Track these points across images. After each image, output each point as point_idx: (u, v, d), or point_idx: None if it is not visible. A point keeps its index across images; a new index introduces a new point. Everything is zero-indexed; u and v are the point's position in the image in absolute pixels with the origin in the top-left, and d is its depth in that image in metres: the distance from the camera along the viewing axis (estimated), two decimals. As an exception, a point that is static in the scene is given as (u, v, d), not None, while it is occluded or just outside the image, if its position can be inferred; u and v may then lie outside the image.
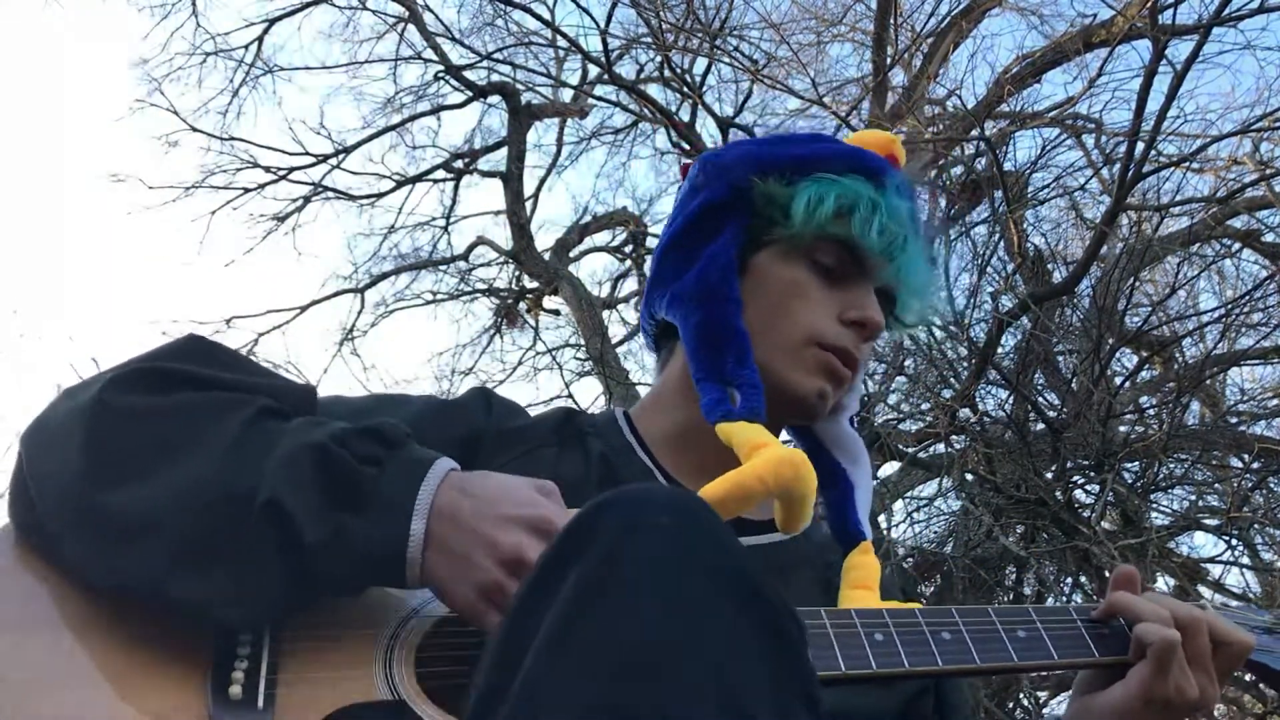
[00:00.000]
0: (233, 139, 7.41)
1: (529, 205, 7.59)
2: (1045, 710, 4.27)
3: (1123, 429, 4.36)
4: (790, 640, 0.62)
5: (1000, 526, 4.03)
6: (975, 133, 4.95)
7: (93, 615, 0.78)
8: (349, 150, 7.67)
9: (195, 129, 7.22)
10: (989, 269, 4.75)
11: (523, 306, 7.91)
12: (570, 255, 7.97)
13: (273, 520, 0.75)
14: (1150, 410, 4.75)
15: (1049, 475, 4.05)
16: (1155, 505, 4.42)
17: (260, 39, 7.39)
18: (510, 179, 7.21)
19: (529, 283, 7.72)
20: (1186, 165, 4.90)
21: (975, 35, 6.57)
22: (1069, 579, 4.18)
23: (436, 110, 7.90)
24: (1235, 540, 4.29)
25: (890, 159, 1.14)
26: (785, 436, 1.20)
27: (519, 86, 7.36)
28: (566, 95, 7.96)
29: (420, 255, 8.29)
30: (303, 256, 9.46)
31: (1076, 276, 4.18)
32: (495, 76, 7.40)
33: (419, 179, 8.03)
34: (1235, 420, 5.00)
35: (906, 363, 4.87)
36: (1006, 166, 4.83)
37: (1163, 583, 4.06)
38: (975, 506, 4.17)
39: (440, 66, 7.37)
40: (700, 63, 6.43)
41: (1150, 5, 3.81)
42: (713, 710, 0.54)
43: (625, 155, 8.79)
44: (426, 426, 0.99)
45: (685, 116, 6.58)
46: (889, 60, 5.52)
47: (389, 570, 0.79)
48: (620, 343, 7.27)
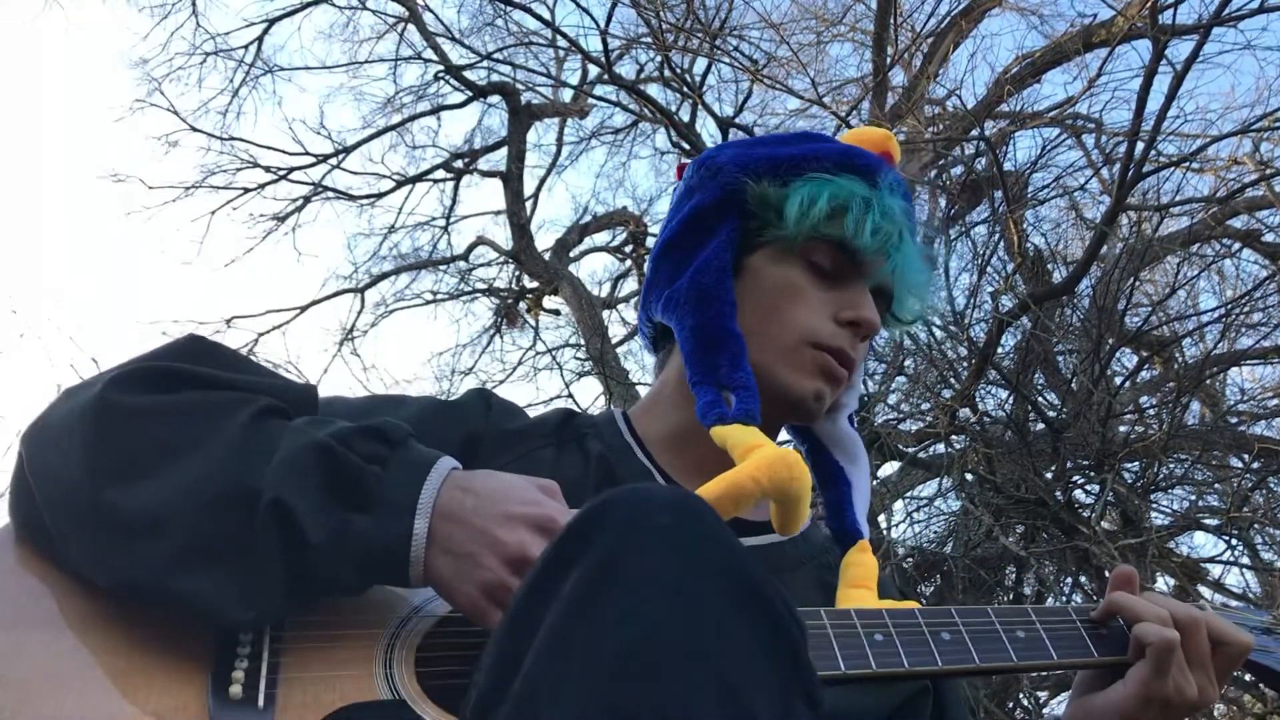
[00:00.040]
0: (233, 139, 7.43)
1: (529, 205, 7.60)
2: (1045, 710, 4.27)
3: (1123, 429, 4.36)
4: (791, 640, 0.62)
5: (1000, 526, 4.03)
6: (975, 133, 4.95)
7: (93, 615, 0.79)
8: (349, 150, 7.69)
9: (195, 129, 7.24)
10: (989, 269, 4.75)
11: (523, 306, 7.91)
12: (570, 255, 7.97)
13: (277, 519, 0.75)
14: (1150, 410, 4.75)
15: (1049, 475, 4.05)
16: (1155, 505, 4.42)
17: (260, 39, 7.41)
18: (510, 179, 7.21)
19: (529, 283, 7.72)
20: (1186, 165, 4.90)
21: (975, 35, 6.58)
22: (1069, 579, 4.18)
23: (436, 110, 7.91)
24: (1235, 540, 4.29)
25: (885, 156, 1.14)
26: (784, 436, 1.21)
27: (519, 86, 7.36)
28: (566, 95, 7.97)
29: (420, 255, 8.31)
30: (303, 256, 9.47)
31: (1076, 276, 4.18)
32: (495, 76, 7.41)
33: (419, 179, 8.04)
34: (1235, 420, 5.00)
35: (906, 363, 4.87)
36: (1006, 166, 4.83)
37: (1163, 583, 4.06)
38: (975, 506, 4.16)
39: (440, 66, 7.38)
40: (700, 63, 6.44)
41: (1150, 5, 3.81)
42: (714, 710, 0.54)
43: (625, 155, 8.82)
44: (425, 427, 0.98)
45: (685, 116, 6.58)
46: (889, 60, 5.51)
47: (392, 569, 0.79)
48: (620, 343, 7.28)
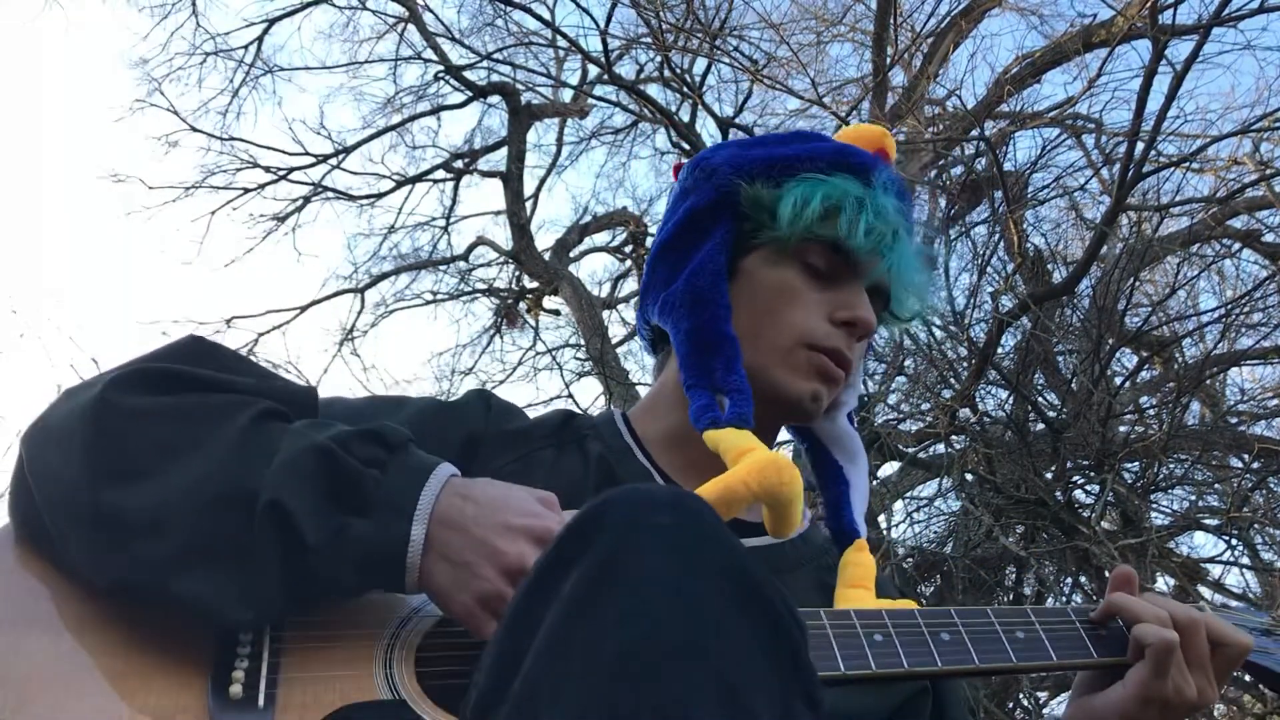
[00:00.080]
0: (233, 139, 7.43)
1: (529, 205, 7.60)
2: (1045, 710, 4.27)
3: (1123, 429, 4.36)
4: (791, 640, 0.62)
5: (1000, 526, 4.03)
6: (975, 133, 4.95)
7: (94, 615, 0.79)
8: (349, 150, 7.69)
9: (195, 129, 7.24)
10: (989, 269, 4.75)
11: (523, 306, 7.91)
12: (570, 255, 7.97)
13: (275, 521, 0.75)
14: (1150, 410, 4.75)
15: (1049, 475, 4.05)
16: (1155, 505, 4.42)
17: (260, 39, 7.41)
18: (510, 179, 7.21)
19: (529, 283, 7.72)
20: (1186, 165, 4.90)
21: (975, 35, 6.58)
22: (1069, 579, 4.18)
23: (436, 110, 7.91)
24: (1235, 540, 4.29)
25: (880, 153, 1.13)
26: (785, 435, 1.21)
27: (519, 86, 7.36)
28: (566, 95, 7.97)
29: (420, 255, 8.31)
30: (303, 256, 9.47)
31: (1076, 276, 4.18)
32: (495, 76, 7.41)
33: (419, 179, 8.04)
34: (1235, 420, 5.00)
35: (906, 363, 4.87)
36: (1006, 166, 4.83)
37: (1163, 583, 4.06)
38: (975, 506, 4.16)
39: (440, 66, 7.38)
40: (700, 63, 6.43)
41: (1150, 5, 3.81)
42: (714, 710, 0.54)
43: (625, 155, 8.83)
44: (425, 428, 0.99)
45: (685, 116, 6.58)
46: (889, 60, 5.51)
47: (388, 574, 0.79)
48: (620, 343, 7.28)
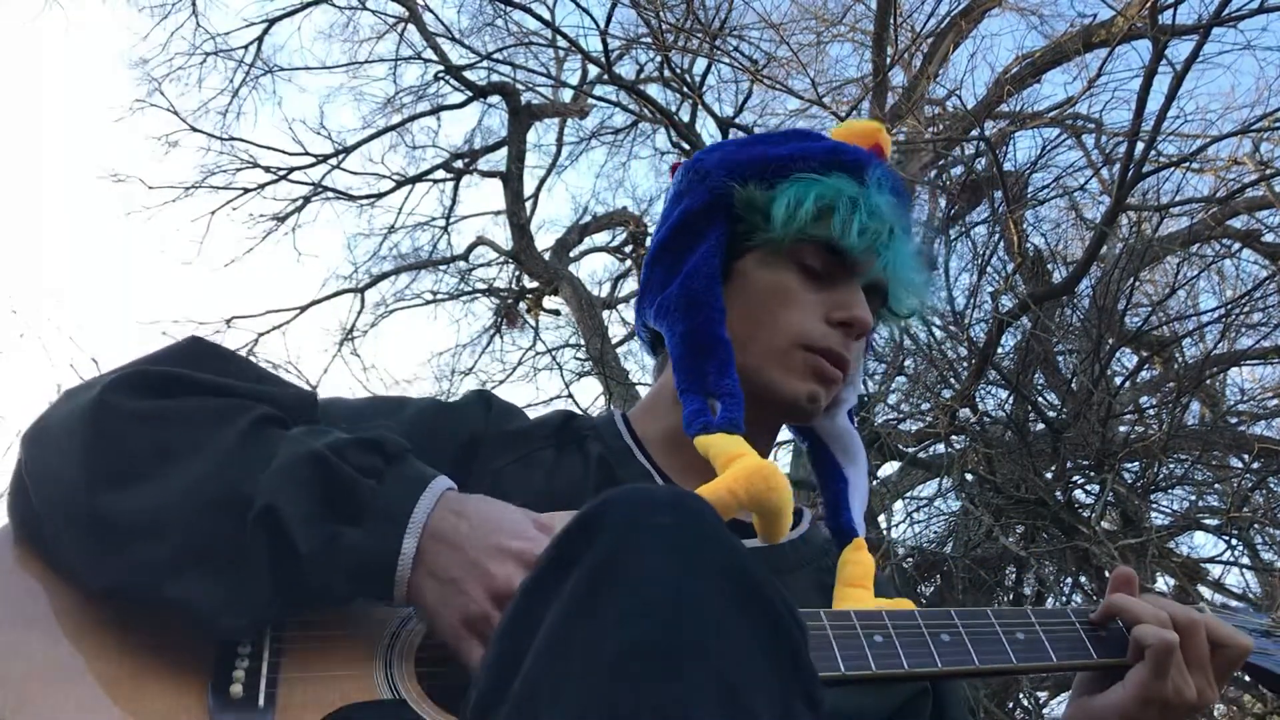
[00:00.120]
0: (233, 139, 7.44)
1: (529, 205, 7.61)
2: (1045, 710, 4.27)
3: (1123, 429, 4.36)
4: (791, 640, 0.62)
5: (1000, 526, 4.03)
6: (975, 133, 4.95)
7: (94, 614, 0.79)
8: (349, 150, 7.69)
9: (195, 129, 7.25)
10: (989, 269, 4.75)
11: (523, 306, 7.91)
12: (570, 255, 7.97)
13: (267, 527, 0.75)
14: (1150, 410, 4.75)
15: (1049, 475, 4.05)
16: (1155, 505, 4.42)
17: (260, 39, 7.42)
18: (510, 179, 7.21)
19: (529, 283, 7.72)
20: (1186, 165, 4.90)
21: (975, 35, 6.59)
22: (1069, 579, 4.18)
23: (436, 110, 7.91)
24: (1235, 540, 4.29)
25: (875, 149, 1.13)
26: (786, 435, 1.20)
27: (519, 86, 7.36)
28: (566, 95, 7.97)
29: (420, 255, 8.31)
30: (303, 256, 9.48)
31: (1076, 276, 4.18)
32: (495, 76, 7.41)
33: (419, 179, 8.04)
34: (1235, 420, 5.01)
35: (906, 363, 4.87)
36: (1006, 166, 4.83)
37: (1163, 583, 4.06)
38: (975, 506, 4.16)
39: (440, 66, 7.38)
40: (700, 63, 6.44)
41: (1150, 5, 3.82)
42: (714, 710, 0.54)
43: (625, 155, 8.83)
44: (426, 428, 0.99)
45: (685, 116, 6.58)
46: (889, 60, 5.51)
47: (377, 584, 0.78)
48: (620, 343, 7.28)
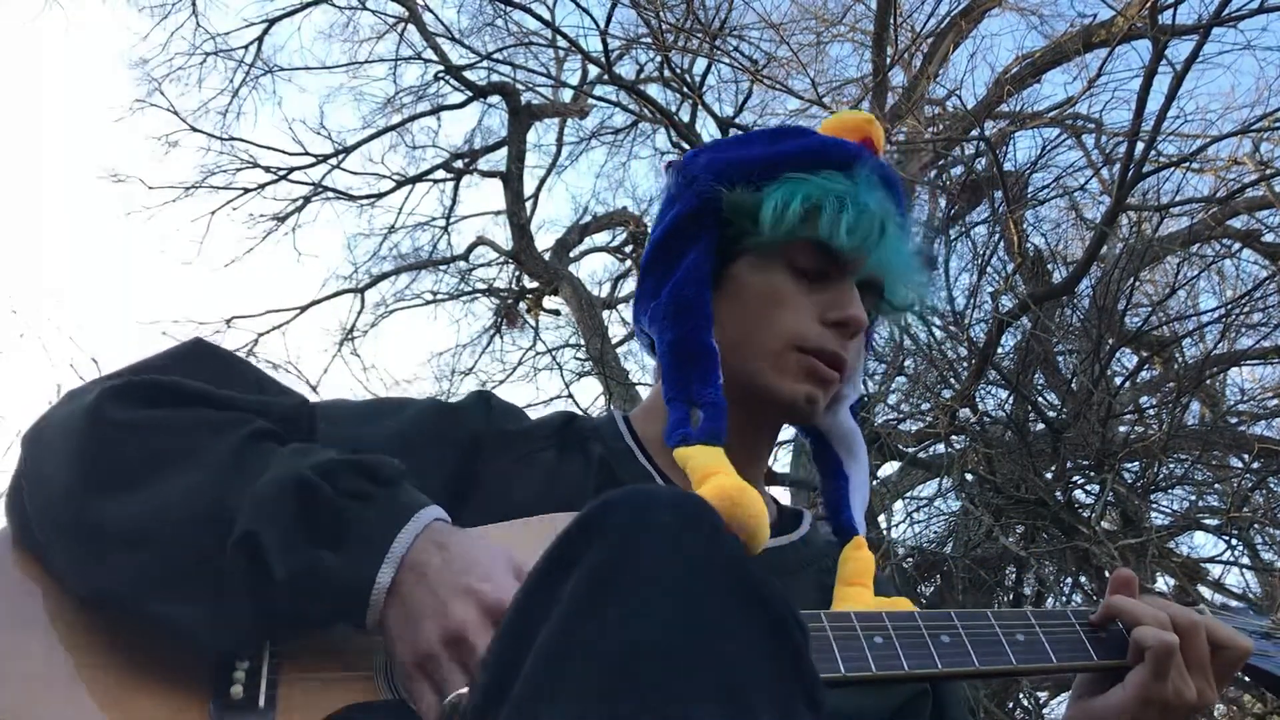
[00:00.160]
0: (233, 139, 7.45)
1: (529, 205, 7.61)
2: (1045, 711, 4.27)
3: (1123, 429, 4.36)
4: (793, 641, 0.62)
5: (1000, 526, 4.03)
6: (975, 133, 4.95)
7: (92, 617, 0.78)
8: (349, 150, 7.70)
9: (195, 129, 7.26)
10: (989, 269, 4.76)
11: (523, 306, 7.91)
12: (570, 255, 7.97)
13: (246, 552, 0.74)
14: (1150, 410, 4.75)
15: (1049, 475, 4.05)
16: (1155, 505, 4.42)
17: (260, 39, 7.42)
18: (510, 179, 7.21)
19: (529, 283, 7.72)
20: (1186, 165, 4.90)
21: (975, 35, 6.59)
22: (1069, 579, 4.18)
23: (436, 110, 7.91)
24: (1235, 540, 4.29)
25: (866, 142, 1.12)
26: (786, 435, 1.20)
27: (519, 86, 7.36)
28: (566, 95, 7.97)
29: (420, 255, 8.31)
30: (303, 256, 9.48)
31: (1076, 276, 4.18)
32: (495, 76, 7.41)
33: (419, 179, 8.05)
34: (1235, 420, 5.01)
35: (906, 363, 4.87)
36: (1006, 166, 4.83)
37: (1163, 583, 4.06)
38: (975, 506, 4.16)
39: (440, 66, 7.38)
40: (700, 63, 6.44)
41: (1150, 5, 3.82)
42: (715, 711, 0.54)
43: (625, 155, 8.84)
44: (427, 430, 0.99)
45: (685, 117, 6.58)
46: (889, 60, 5.51)
47: (351, 609, 0.76)
48: (620, 343, 7.28)
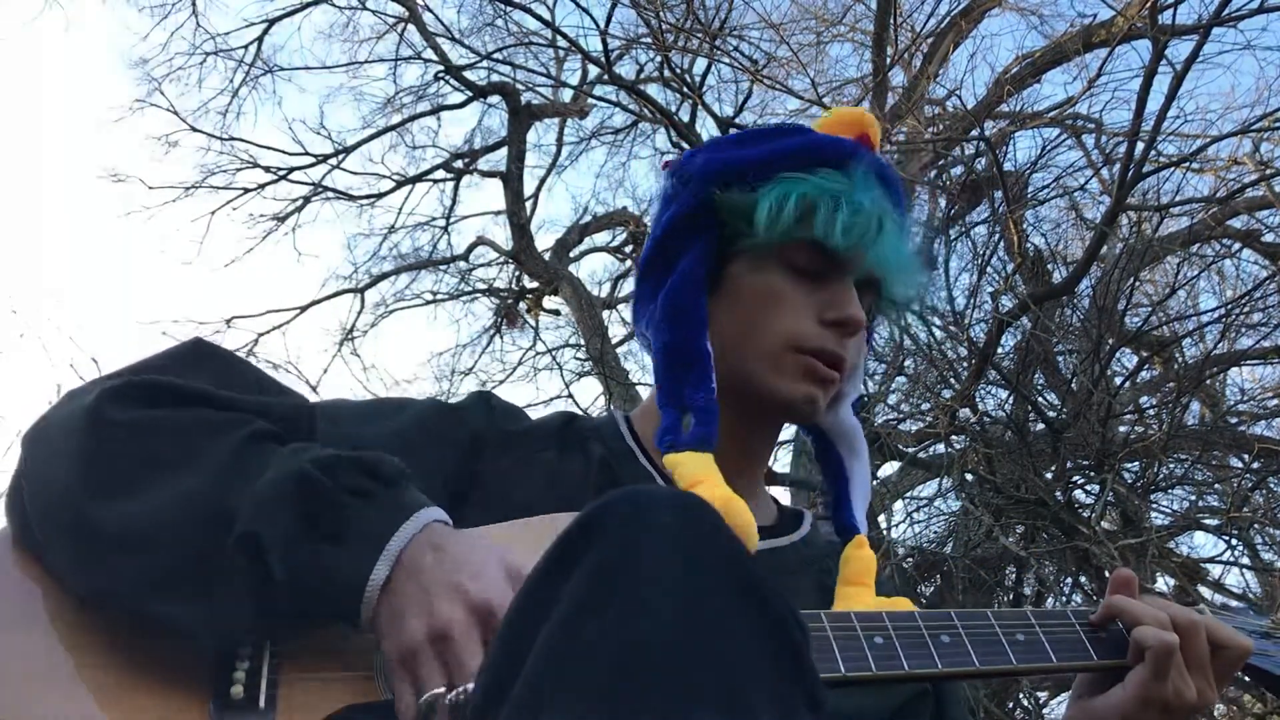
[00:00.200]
0: (233, 139, 7.45)
1: (529, 205, 7.61)
2: (1045, 711, 4.27)
3: (1123, 429, 4.36)
4: (793, 641, 0.61)
5: (1000, 526, 4.03)
6: (975, 133, 4.95)
7: (93, 616, 0.79)
8: (349, 150, 7.70)
9: (195, 129, 7.26)
10: (989, 269, 4.76)
11: (523, 306, 7.92)
12: (570, 255, 7.97)
13: (246, 550, 0.74)
14: (1150, 410, 4.76)
15: (1049, 475, 4.05)
16: (1155, 505, 4.43)
17: (260, 39, 7.42)
18: (510, 179, 7.21)
19: (529, 283, 7.72)
20: (1186, 165, 4.90)
21: (975, 35, 6.59)
22: (1069, 579, 4.18)
23: (436, 110, 7.91)
24: (1235, 540, 4.30)
25: (862, 138, 1.11)
26: (787, 434, 1.20)
27: (519, 86, 7.36)
28: (566, 95, 7.97)
29: (420, 255, 8.32)
30: (303, 256, 9.46)
31: (1076, 276, 4.19)
32: (495, 76, 7.41)
33: (419, 179, 8.05)
34: (1235, 420, 5.01)
35: (906, 363, 4.87)
36: (1006, 166, 4.83)
37: (1163, 583, 4.06)
38: (975, 506, 4.16)
39: (440, 66, 7.38)
40: (700, 63, 6.44)
41: (1150, 5, 3.82)
42: (715, 711, 0.54)
43: (625, 155, 8.83)
44: (428, 430, 0.99)
45: (685, 116, 6.58)
46: (889, 60, 5.51)
47: (346, 605, 0.77)
48: (620, 343, 7.28)
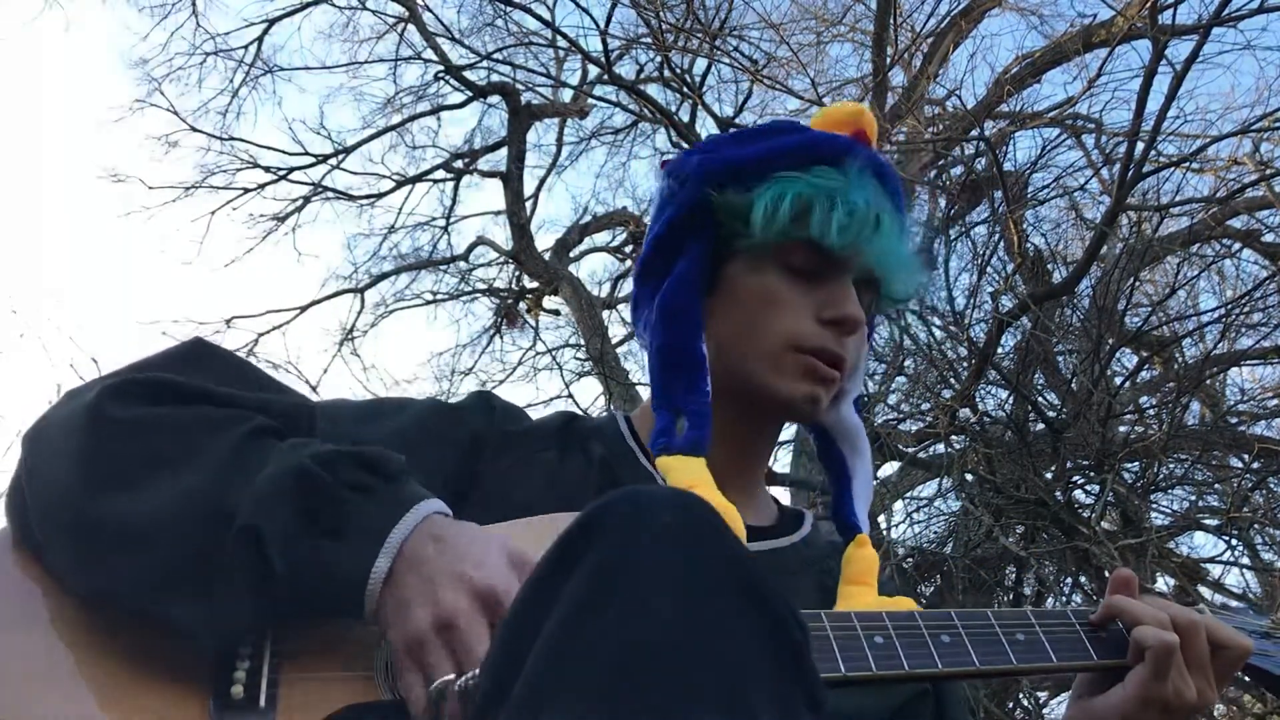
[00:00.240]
0: (233, 139, 7.46)
1: (529, 205, 7.61)
2: (1045, 711, 4.27)
3: (1123, 429, 4.36)
4: (793, 641, 0.61)
5: (1000, 526, 4.03)
6: (975, 133, 4.95)
7: (93, 616, 0.79)
8: (349, 150, 7.70)
9: (195, 129, 7.26)
10: (989, 269, 4.76)
11: (523, 306, 7.92)
12: (570, 255, 7.97)
13: (247, 546, 0.74)
14: (1150, 410, 4.76)
15: (1049, 475, 4.05)
16: (1155, 505, 4.43)
17: (260, 39, 7.43)
18: (510, 179, 7.21)
19: (529, 283, 7.72)
20: (1186, 165, 4.91)
21: (975, 35, 6.60)
22: (1069, 579, 4.18)
23: (436, 110, 7.92)
24: (1235, 540, 4.29)
25: (858, 134, 1.11)
26: (787, 433, 1.20)
27: (519, 86, 7.36)
28: (566, 95, 7.97)
29: (420, 255, 8.32)
30: (303, 256, 9.46)
31: (1076, 276, 4.19)
32: (495, 76, 7.42)
33: (419, 179, 8.05)
34: (1235, 420, 5.01)
35: (906, 363, 4.87)
36: (1006, 166, 4.83)
37: (1163, 583, 4.06)
38: (975, 506, 4.16)
39: (440, 66, 7.38)
40: (700, 63, 6.44)
41: (1150, 5, 3.82)
42: (715, 711, 0.54)
43: (625, 155, 8.82)
44: (428, 430, 0.99)
45: (685, 117, 6.58)
46: (889, 60, 5.52)
47: (349, 599, 0.77)
48: (620, 343, 7.28)
